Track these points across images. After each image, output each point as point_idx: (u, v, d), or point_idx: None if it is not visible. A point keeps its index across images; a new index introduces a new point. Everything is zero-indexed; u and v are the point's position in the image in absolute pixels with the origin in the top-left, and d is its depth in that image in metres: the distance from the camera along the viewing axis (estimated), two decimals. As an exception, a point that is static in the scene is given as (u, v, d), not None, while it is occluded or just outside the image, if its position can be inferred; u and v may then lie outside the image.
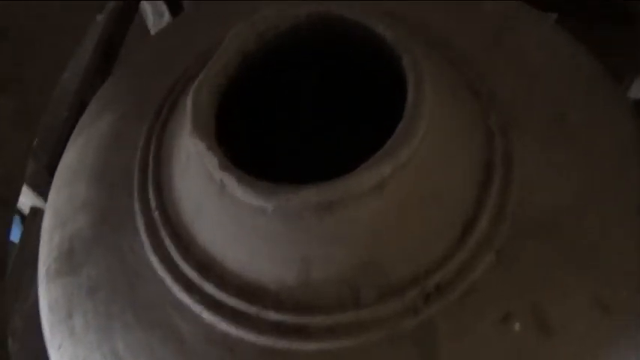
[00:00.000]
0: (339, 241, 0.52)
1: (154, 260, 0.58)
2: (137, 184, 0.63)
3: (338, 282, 0.53)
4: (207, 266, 0.56)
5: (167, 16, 1.21)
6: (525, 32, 0.71)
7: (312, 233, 0.52)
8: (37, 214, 0.87)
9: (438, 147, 0.54)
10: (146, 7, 1.23)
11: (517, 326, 0.53)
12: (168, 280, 0.57)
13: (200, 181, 0.56)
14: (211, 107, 0.56)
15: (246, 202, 0.51)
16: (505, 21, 0.71)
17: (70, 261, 0.64)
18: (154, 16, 1.25)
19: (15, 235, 0.84)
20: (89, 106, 0.79)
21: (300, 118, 0.71)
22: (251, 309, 0.54)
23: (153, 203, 0.60)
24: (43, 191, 0.85)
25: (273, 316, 0.53)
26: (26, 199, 0.87)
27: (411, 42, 0.56)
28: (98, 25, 0.99)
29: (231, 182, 0.51)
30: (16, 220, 0.90)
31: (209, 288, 0.55)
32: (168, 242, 0.58)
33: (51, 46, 0.76)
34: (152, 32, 1.30)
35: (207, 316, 0.55)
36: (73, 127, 0.80)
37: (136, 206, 0.61)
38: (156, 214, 0.60)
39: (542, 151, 0.60)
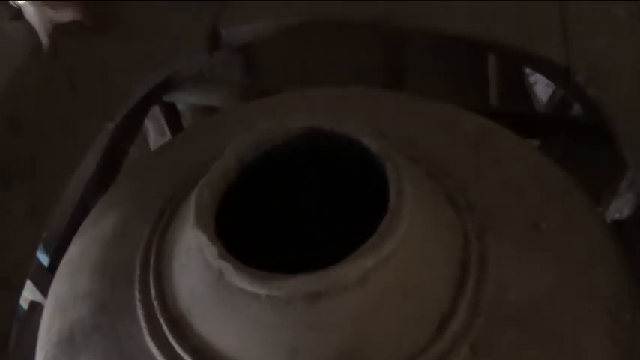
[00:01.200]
0: (324, 330, 0.57)
1: (152, 345, 0.62)
2: (138, 277, 0.67)
3: (323, 371, 0.57)
4: (202, 350, 0.60)
5: (168, 136, 1.29)
6: (501, 148, 0.79)
7: (300, 320, 0.56)
8: (35, 308, 0.91)
9: (417, 247, 0.60)
10: (149, 126, 1.31)
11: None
12: None
13: (198, 272, 0.61)
14: (212, 206, 0.62)
15: (242, 288, 0.56)
16: (483, 138, 0.79)
17: (69, 347, 0.68)
18: (156, 134, 1.33)
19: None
20: (94, 208, 0.85)
21: (297, 209, 0.76)
22: (241, 392, 0.57)
23: (153, 293, 0.65)
24: (43, 288, 0.89)
25: (261, 399, 0.57)
26: (27, 294, 0.91)
27: (393, 153, 0.63)
28: (104, 136, 1.07)
29: (228, 270, 0.56)
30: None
31: (202, 370, 0.59)
32: (165, 328, 0.62)
33: (64, 145, 0.83)
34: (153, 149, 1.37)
35: (199, 397, 0.58)
36: (75, 230, 0.85)
37: (137, 296, 0.66)
38: (155, 303, 0.64)
39: (517, 254, 0.66)
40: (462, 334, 0.59)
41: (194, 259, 0.62)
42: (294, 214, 0.76)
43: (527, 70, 1.55)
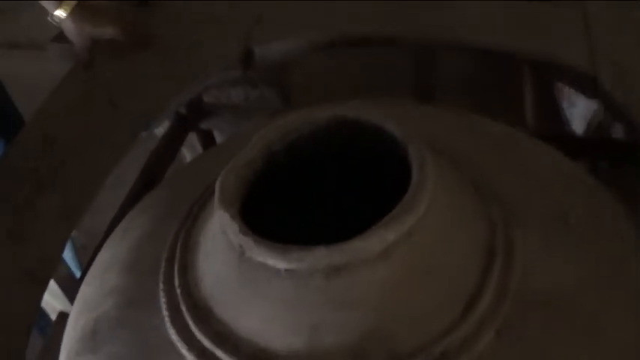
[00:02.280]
0: (347, 307, 0.56)
1: (172, 332, 0.62)
2: (163, 269, 0.67)
3: (346, 349, 0.56)
4: (223, 335, 0.59)
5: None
6: (529, 148, 0.78)
7: (322, 297, 0.56)
8: (64, 318, 0.92)
9: (441, 228, 0.59)
10: (186, 153, 1.33)
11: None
12: (184, 349, 0.60)
13: (222, 255, 0.61)
14: (237, 189, 0.63)
15: (262, 263, 0.56)
16: (509, 139, 0.80)
17: (92, 341, 0.68)
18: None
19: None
20: (125, 217, 0.86)
21: (323, 194, 0.76)
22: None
23: (176, 282, 0.65)
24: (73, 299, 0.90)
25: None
26: (57, 303, 0.92)
27: (417, 138, 0.63)
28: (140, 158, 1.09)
29: (248, 245, 0.56)
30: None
31: (223, 356, 0.58)
32: (187, 315, 0.62)
33: (95, 155, 0.85)
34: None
35: (219, 381, 0.58)
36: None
37: (160, 286, 0.66)
38: (178, 291, 0.64)
39: (544, 242, 0.65)
40: (489, 316, 0.58)
41: (218, 243, 0.62)
42: (318, 204, 0.75)
43: (564, 105, 1.54)
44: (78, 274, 1.04)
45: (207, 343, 0.59)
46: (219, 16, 1.08)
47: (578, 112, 1.47)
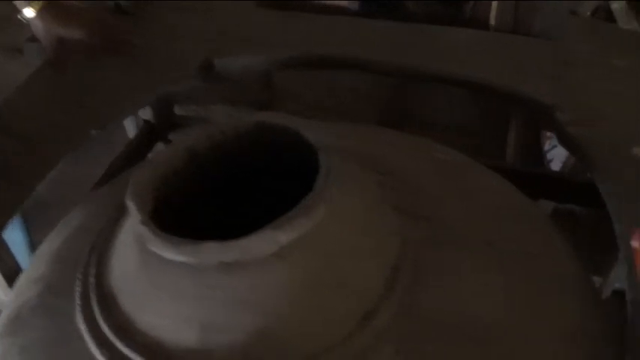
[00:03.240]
0: (238, 307, 0.56)
1: (80, 321, 0.63)
2: (84, 259, 0.68)
3: (234, 352, 0.56)
4: (123, 326, 0.60)
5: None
6: (478, 177, 0.79)
7: (214, 294, 0.56)
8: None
9: (344, 236, 0.60)
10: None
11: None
12: (88, 338, 0.61)
13: (129, 247, 0.63)
14: (150, 184, 0.64)
15: (159, 255, 0.57)
16: (453, 166, 0.80)
17: (13, 325, 0.69)
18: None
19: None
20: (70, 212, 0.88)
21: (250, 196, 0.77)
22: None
23: (91, 272, 0.66)
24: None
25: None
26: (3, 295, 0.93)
27: (331, 147, 0.63)
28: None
29: (147, 235, 0.57)
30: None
31: (122, 347, 0.59)
32: (95, 305, 0.63)
33: (47, 149, 0.87)
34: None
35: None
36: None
37: (78, 276, 0.67)
38: (91, 280, 0.65)
39: (466, 268, 0.64)
40: (386, 333, 0.57)
41: (129, 236, 0.64)
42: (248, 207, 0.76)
43: (546, 147, 1.54)
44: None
45: (109, 333, 0.60)
46: (189, 28, 1.10)
47: (558, 153, 1.48)
